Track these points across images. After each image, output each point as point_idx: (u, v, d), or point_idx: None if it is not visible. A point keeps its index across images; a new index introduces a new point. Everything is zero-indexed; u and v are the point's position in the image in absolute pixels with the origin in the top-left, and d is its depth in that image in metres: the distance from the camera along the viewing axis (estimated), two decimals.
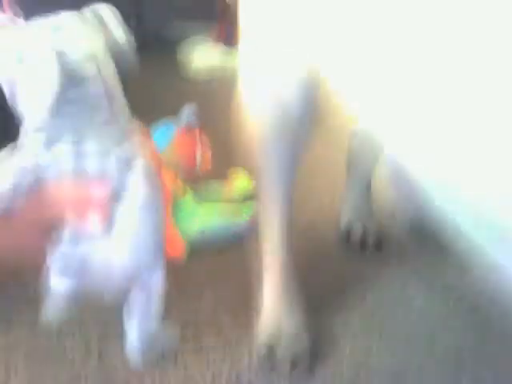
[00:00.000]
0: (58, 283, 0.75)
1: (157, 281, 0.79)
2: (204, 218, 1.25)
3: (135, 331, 0.81)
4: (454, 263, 1.21)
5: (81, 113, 0.71)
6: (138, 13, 2.60)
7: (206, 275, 1.19)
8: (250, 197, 1.32)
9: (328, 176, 1.56)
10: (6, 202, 0.70)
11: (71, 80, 0.69)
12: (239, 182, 1.37)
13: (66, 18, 0.73)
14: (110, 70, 0.74)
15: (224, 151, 1.35)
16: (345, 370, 1.03)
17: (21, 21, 0.78)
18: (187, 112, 1.31)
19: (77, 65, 0.70)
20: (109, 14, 0.76)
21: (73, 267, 0.74)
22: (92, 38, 0.74)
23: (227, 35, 2.54)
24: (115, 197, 0.72)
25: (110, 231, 0.72)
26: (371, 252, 1.30)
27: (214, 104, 1.67)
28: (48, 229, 0.73)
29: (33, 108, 0.70)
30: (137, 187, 0.72)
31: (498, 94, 0.56)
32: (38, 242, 0.72)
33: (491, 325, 1.11)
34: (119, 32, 0.76)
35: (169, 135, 1.29)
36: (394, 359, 1.05)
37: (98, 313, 1.06)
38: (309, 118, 1.01)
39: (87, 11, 0.76)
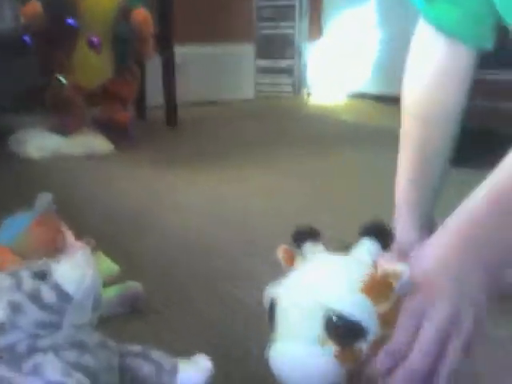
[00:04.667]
0: None
1: None
2: None
3: None
4: None
5: None
6: None
7: None
8: (114, 282, 1.31)
9: None
10: None
11: None
12: (102, 267, 1.35)
13: None
14: None
15: (83, 234, 1.34)
16: None
17: None
18: (42, 200, 1.29)
19: None
20: None
21: None
22: None
23: (62, 125, 2.55)
24: None
25: None
26: None
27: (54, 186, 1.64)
28: None
29: None
30: None
31: None
32: None
33: None
34: None
35: (24, 224, 1.26)
36: None
37: None
38: None
39: None
